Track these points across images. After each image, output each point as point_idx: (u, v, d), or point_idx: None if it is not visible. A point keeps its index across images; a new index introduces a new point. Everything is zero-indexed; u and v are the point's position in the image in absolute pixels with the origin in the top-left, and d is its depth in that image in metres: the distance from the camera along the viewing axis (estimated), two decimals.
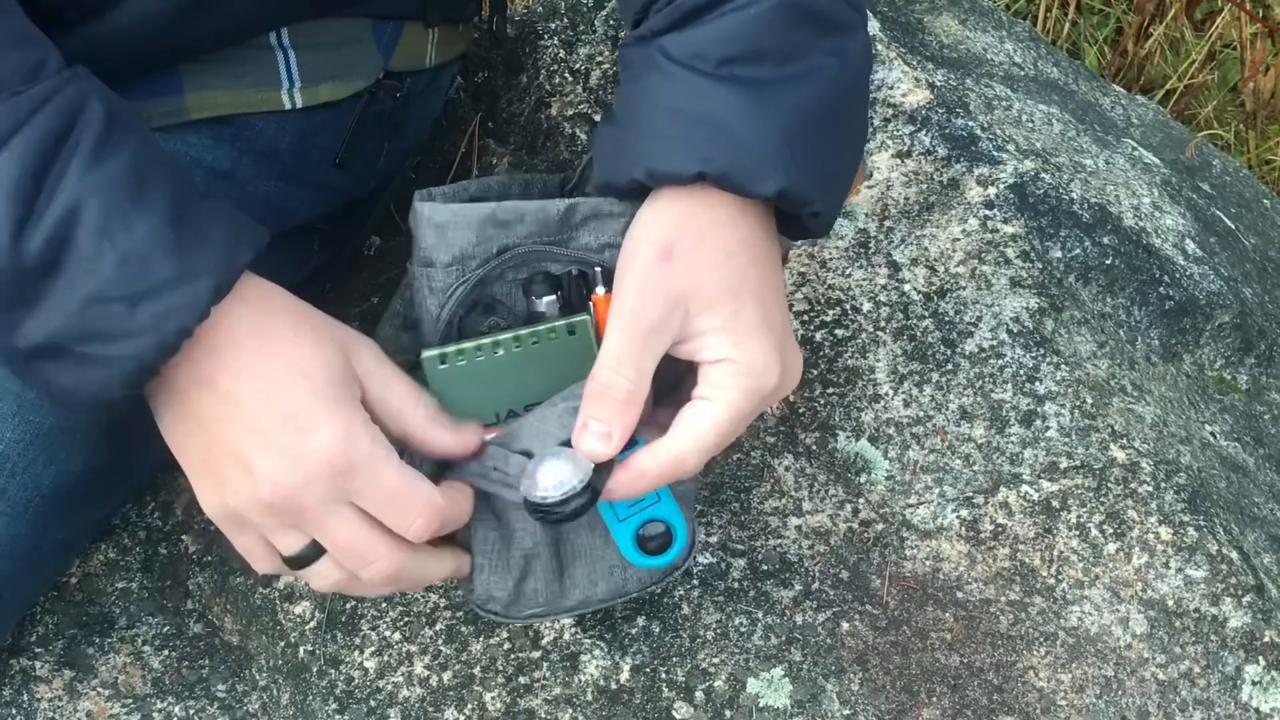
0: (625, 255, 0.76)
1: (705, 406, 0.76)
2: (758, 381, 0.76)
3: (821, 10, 0.76)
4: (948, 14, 1.35)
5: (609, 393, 0.75)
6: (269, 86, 0.97)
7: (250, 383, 0.72)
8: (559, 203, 0.80)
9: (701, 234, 0.75)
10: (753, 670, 0.92)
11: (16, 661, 1.02)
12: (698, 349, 0.76)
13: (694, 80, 0.75)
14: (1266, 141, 1.96)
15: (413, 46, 1.07)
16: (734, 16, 0.75)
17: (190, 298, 0.69)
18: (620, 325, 0.74)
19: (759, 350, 0.75)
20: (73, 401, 0.72)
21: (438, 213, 0.80)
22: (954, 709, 0.90)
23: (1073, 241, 1.09)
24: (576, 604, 0.86)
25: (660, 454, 0.76)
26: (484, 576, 0.83)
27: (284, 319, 0.75)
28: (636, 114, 0.77)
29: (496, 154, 1.21)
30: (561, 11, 1.26)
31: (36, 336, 0.69)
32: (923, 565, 0.96)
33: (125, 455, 0.97)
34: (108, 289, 0.68)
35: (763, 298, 0.77)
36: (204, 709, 1.00)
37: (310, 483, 0.72)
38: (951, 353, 1.03)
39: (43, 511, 0.91)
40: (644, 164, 0.75)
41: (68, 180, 0.68)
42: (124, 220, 0.68)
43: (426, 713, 0.91)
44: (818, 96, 0.76)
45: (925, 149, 1.12)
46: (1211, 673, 0.92)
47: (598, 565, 0.85)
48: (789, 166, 0.74)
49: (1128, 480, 0.98)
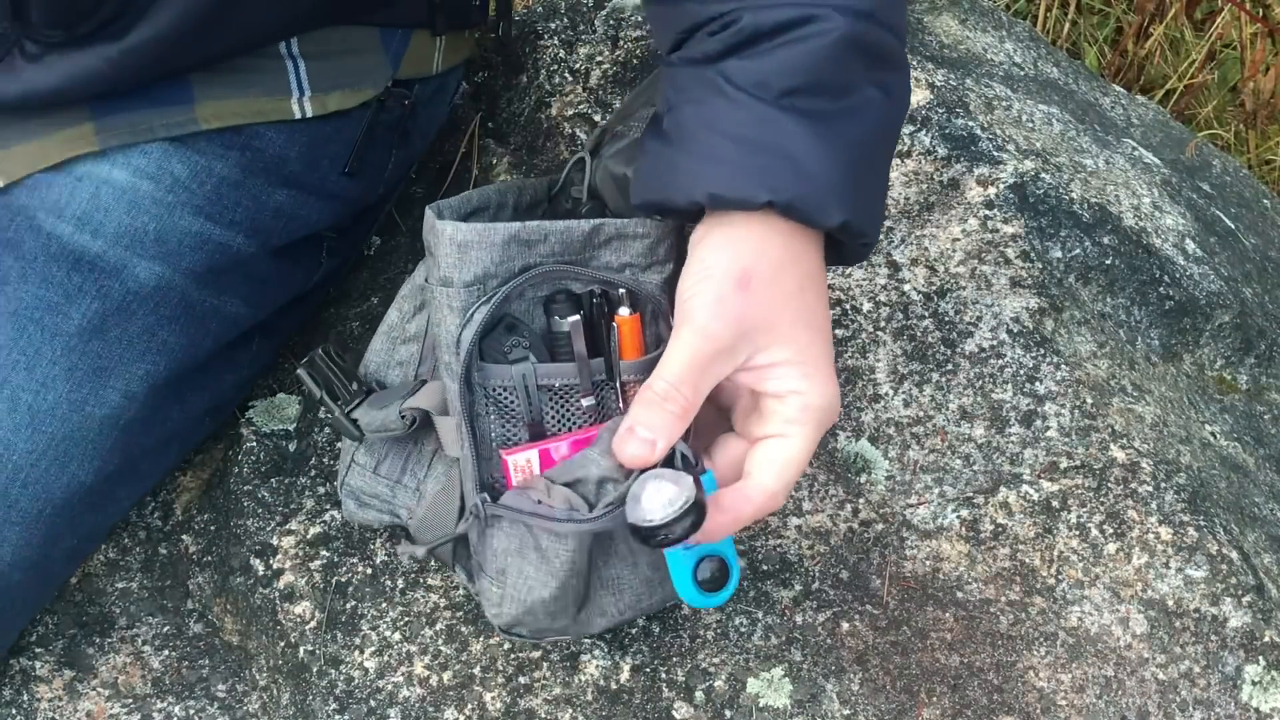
0: (696, 276, 0.76)
1: (785, 445, 0.77)
2: (827, 415, 0.77)
3: (874, 44, 0.77)
4: (948, 14, 1.35)
5: (664, 404, 0.75)
6: (279, 96, 0.97)
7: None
8: (584, 223, 0.80)
9: (780, 266, 0.76)
10: (753, 670, 0.92)
11: (16, 661, 1.02)
12: (763, 378, 0.77)
13: (759, 108, 0.75)
14: (1266, 141, 1.96)
15: (420, 54, 1.07)
16: (798, 48, 0.76)
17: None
18: (688, 344, 0.75)
19: (828, 383, 0.77)
20: None
21: (460, 232, 0.79)
22: (954, 709, 0.90)
23: (1073, 241, 1.09)
24: (600, 629, 0.88)
25: (754, 494, 0.77)
26: (513, 607, 0.84)
27: None
28: (695, 136, 0.77)
29: (496, 154, 1.21)
30: (561, 11, 1.26)
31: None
32: (923, 565, 0.96)
33: (135, 465, 0.97)
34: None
35: (826, 331, 0.78)
36: (204, 709, 1.00)
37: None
38: (951, 353, 1.03)
39: (54, 521, 0.91)
40: (706, 187, 0.75)
41: None
42: None
43: (426, 713, 0.91)
44: (870, 130, 0.78)
45: (925, 149, 1.12)
46: (1211, 673, 0.92)
47: (624, 594, 0.86)
48: (851, 199, 0.76)
49: (1128, 480, 0.98)
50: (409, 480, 0.94)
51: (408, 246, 1.18)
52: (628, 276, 0.81)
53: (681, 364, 0.75)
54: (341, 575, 0.97)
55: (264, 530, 1.00)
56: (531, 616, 0.84)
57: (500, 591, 0.84)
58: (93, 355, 0.91)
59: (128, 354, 0.93)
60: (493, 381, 0.83)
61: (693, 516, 0.73)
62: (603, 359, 0.83)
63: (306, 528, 1.00)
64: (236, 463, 1.04)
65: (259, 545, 1.00)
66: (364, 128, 1.04)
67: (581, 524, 0.80)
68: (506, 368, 0.83)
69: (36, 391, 0.89)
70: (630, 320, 0.81)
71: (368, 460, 0.94)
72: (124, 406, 0.93)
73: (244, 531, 1.01)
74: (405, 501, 0.93)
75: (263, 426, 1.06)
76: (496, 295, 0.80)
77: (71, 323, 0.91)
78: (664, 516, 0.73)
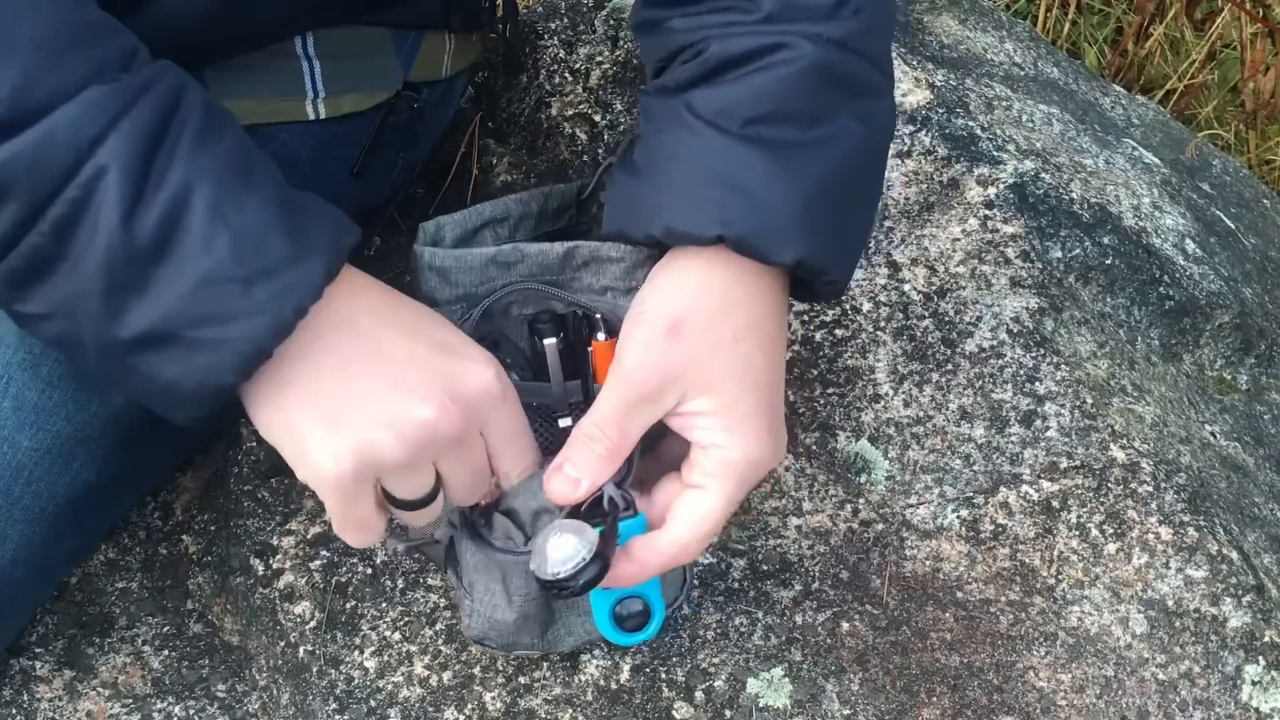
0: (633, 317, 0.76)
1: (701, 497, 0.76)
2: (749, 469, 0.76)
3: (851, 75, 0.75)
4: (948, 14, 1.35)
5: (591, 445, 0.75)
6: (294, 97, 0.97)
7: (393, 323, 0.71)
8: (559, 245, 0.80)
9: (714, 315, 0.74)
10: (753, 670, 0.92)
11: (16, 661, 1.02)
12: (689, 426, 0.76)
13: (719, 140, 0.74)
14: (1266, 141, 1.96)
15: (430, 58, 1.07)
16: (763, 75, 0.74)
17: (306, 275, 0.67)
18: (615, 389, 0.75)
19: (753, 437, 0.75)
20: (174, 395, 0.68)
21: (437, 258, 0.80)
22: (954, 709, 0.90)
23: (1073, 241, 1.09)
24: (569, 647, 0.90)
25: (662, 546, 0.77)
26: (480, 622, 0.86)
27: (395, 296, 0.75)
28: (658, 168, 0.76)
29: (496, 154, 1.21)
30: (561, 11, 1.26)
31: (142, 324, 0.66)
32: (923, 565, 0.96)
33: (138, 463, 0.97)
34: (222, 269, 0.65)
35: (762, 384, 0.76)
36: (204, 709, 1.00)
37: (474, 403, 0.71)
38: (951, 353, 1.03)
39: (56, 520, 0.91)
40: (663, 221, 0.74)
41: (177, 162, 0.66)
42: (236, 201, 0.66)
43: (426, 713, 0.91)
44: (843, 162, 0.75)
45: (925, 149, 1.12)
46: (1211, 673, 0.92)
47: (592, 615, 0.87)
48: (809, 235, 0.73)
49: (1128, 480, 0.98)
50: None
51: (408, 247, 1.18)
52: (608, 300, 0.81)
53: (608, 407, 0.75)
54: (341, 575, 0.97)
55: (264, 530, 1.00)
56: (497, 633, 0.87)
57: (470, 604, 0.86)
58: None
59: None
60: None
61: (593, 571, 0.74)
62: (580, 381, 0.83)
63: (306, 528, 1.00)
64: (236, 463, 1.04)
65: (259, 545, 1.00)
66: (373, 130, 1.04)
67: (515, 555, 0.82)
68: None
69: (41, 390, 0.89)
70: (606, 345, 0.81)
71: None
72: (128, 406, 0.93)
73: (244, 531, 1.01)
74: None
75: None
76: (475, 312, 0.81)
77: None
78: (565, 571, 0.74)
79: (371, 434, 0.69)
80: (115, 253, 0.65)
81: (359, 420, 0.69)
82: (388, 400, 0.69)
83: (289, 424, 0.70)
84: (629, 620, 0.84)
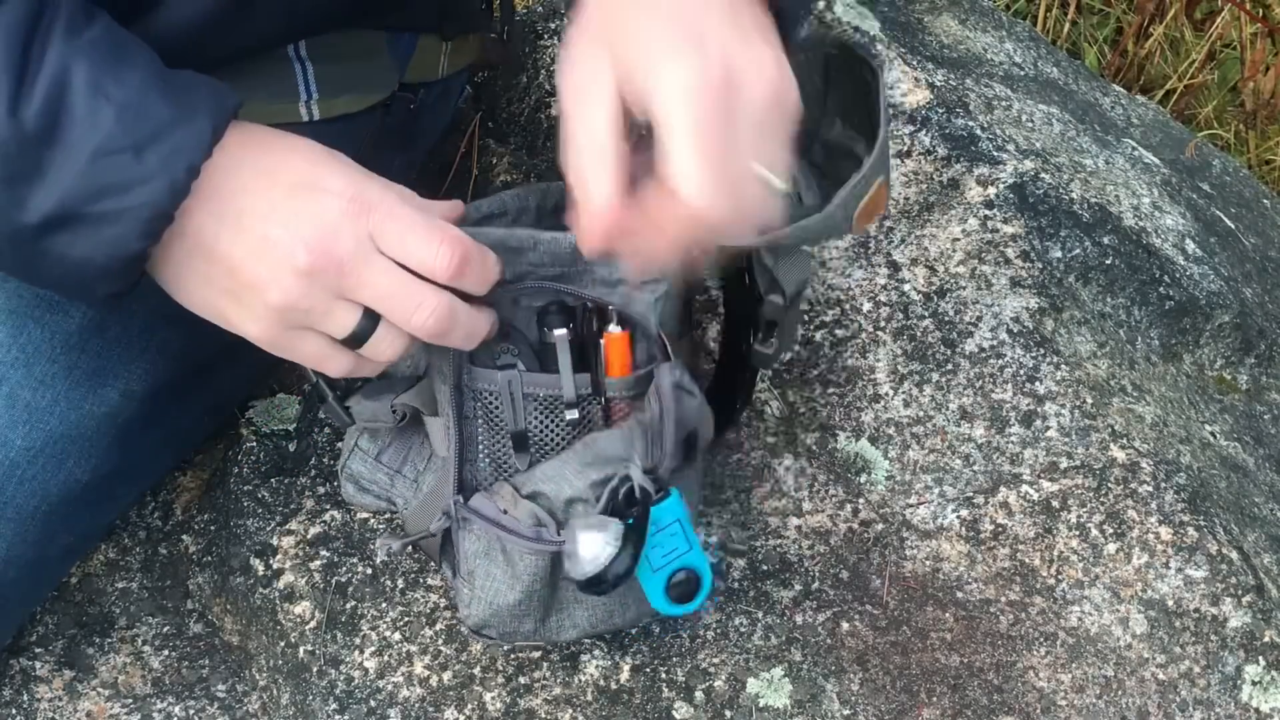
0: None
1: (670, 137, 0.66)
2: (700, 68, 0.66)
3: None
4: (948, 14, 1.35)
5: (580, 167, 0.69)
6: (287, 99, 0.97)
7: (252, 179, 0.73)
8: (571, 235, 0.80)
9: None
10: (753, 670, 0.92)
11: (16, 661, 1.02)
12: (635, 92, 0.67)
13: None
14: (1266, 141, 1.96)
15: (426, 58, 1.07)
16: None
17: (194, 134, 0.70)
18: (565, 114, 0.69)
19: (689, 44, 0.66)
20: (89, 272, 0.71)
21: None
22: (954, 709, 0.90)
23: (1073, 241, 1.09)
24: (571, 638, 0.89)
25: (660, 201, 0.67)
26: (481, 608, 0.86)
27: (285, 139, 0.76)
28: None
29: (496, 154, 1.21)
30: (562, 11, 1.26)
31: (46, 205, 0.69)
32: (923, 565, 0.96)
33: (133, 463, 0.97)
34: (111, 141, 0.69)
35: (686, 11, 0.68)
36: (204, 709, 1.00)
37: (336, 229, 0.72)
38: (951, 353, 1.03)
39: (50, 519, 0.91)
40: None
41: (51, 50, 0.69)
42: (114, 74, 0.70)
43: (426, 713, 0.91)
44: None
45: (925, 149, 1.12)
46: (1211, 673, 0.92)
47: (596, 609, 0.87)
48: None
49: (1128, 480, 0.98)
50: (409, 471, 0.94)
51: None
52: (620, 293, 0.81)
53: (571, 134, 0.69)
54: (341, 575, 0.97)
55: (264, 530, 1.00)
56: (498, 619, 0.86)
57: (470, 592, 0.86)
58: (92, 354, 0.91)
59: (127, 353, 0.93)
60: (479, 385, 0.84)
61: (625, 561, 0.75)
62: (589, 374, 0.83)
63: (306, 528, 1.00)
64: (236, 463, 1.04)
65: (259, 545, 1.00)
66: (369, 132, 1.04)
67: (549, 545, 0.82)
68: (493, 373, 0.83)
69: (35, 389, 0.89)
70: (619, 338, 0.81)
71: (370, 447, 0.95)
72: (123, 405, 0.93)
73: (244, 531, 1.01)
74: (403, 491, 0.94)
75: (263, 426, 1.06)
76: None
77: (71, 321, 0.91)
78: (595, 569, 0.75)
79: (265, 300, 0.73)
80: (7, 143, 0.68)
81: (248, 292, 0.73)
82: (262, 263, 0.72)
83: (206, 299, 0.75)
84: (678, 588, 0.83)
